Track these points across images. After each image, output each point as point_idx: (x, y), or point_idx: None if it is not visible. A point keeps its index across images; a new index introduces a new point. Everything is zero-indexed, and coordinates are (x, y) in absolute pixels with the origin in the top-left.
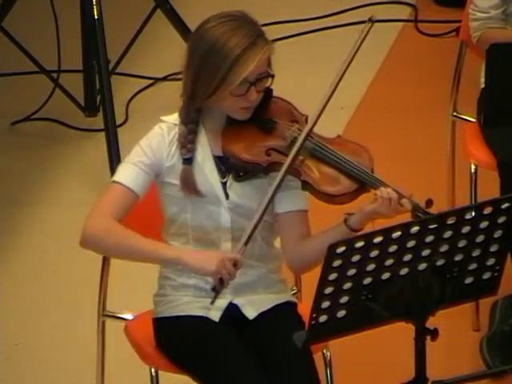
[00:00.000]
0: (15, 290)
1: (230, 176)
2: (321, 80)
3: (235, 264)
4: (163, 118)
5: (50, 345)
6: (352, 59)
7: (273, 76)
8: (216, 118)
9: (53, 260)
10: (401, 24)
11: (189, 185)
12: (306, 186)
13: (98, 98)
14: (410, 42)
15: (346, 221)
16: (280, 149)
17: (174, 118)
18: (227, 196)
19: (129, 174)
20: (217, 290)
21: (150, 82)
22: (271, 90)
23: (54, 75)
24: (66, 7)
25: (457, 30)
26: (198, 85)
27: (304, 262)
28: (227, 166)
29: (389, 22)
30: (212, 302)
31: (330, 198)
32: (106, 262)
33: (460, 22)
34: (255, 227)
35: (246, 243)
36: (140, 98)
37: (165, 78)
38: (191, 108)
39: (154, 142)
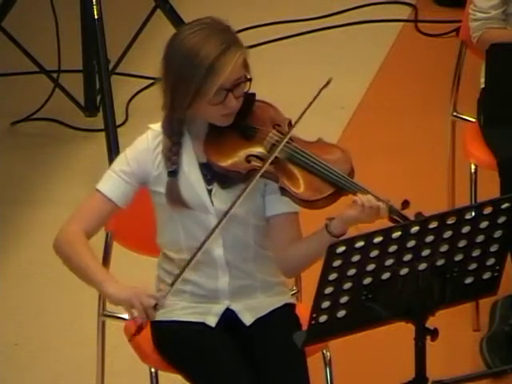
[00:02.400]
0: (15, 290)
1: (215, 183)
2: (320, 80)
3: (156, 305)
4: (151, 125)
5: (50, 345)
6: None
7: (250, 80)
8: (200, 126)
9: (53, 260)
10: (401, 24)
11: (174, 198)
12: (284, 191)
13: (98, 97)
14: (410, 42)
15: (326, 226)
16: (260, 155)
17: (159, 126)
18: (213, 203)
19: (110, 183)
20: (136, 329)
21: (150, 81)
22: (253, 95)
23: (54, 75)
24: (65, 7)
25: (457, 30)
26: (176, 97)
27: (290, 267)
28: (212, 173)
29: (389, 22)
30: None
31: (307, 204)
32: (105, 262)
33: (460, 22)
34: (191, 260)
35: (172, 284)
36: (140, 98)
37: None
38: (173, 119)
39: (139, 151)
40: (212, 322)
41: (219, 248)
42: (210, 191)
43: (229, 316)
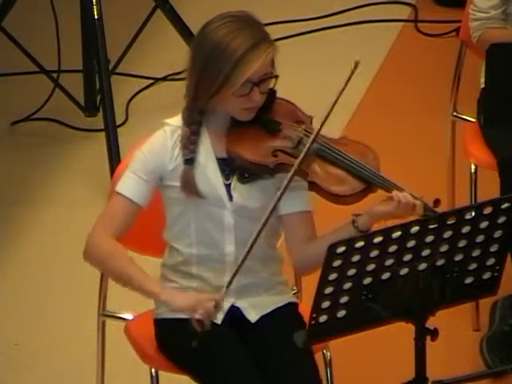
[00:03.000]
0: (15, 290)
1: (235, 178)
2: (321, 80)
3: (216, 306)
4: (167, 120)
5: (50, 345)
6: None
7: (276, 77)
8: (219, 120)
9: (53, 260)
10: (401, 24)
11: (189, 185)
12: (313, 186)
13: (98, 97)
14: (410, 42)
15: (353, 222)
16: (287, 150)
17: (176, 120)
18: (231, 198)
19: (130, 184)
20: (196, 332)
21: (150, 81)
22: (275, 92)
23: (54, 75)
24: (65, 7)
25: (457, 30)
26: (201, 85)
27: (311, 264)
28: (231, 167)
29: (389, 22)
30: (194, 344)
31: (337, 199)
32: None
33: (460, 22)
34: (251, 247)
35: (229, 284)
36: (140, 98)
37: (165, 78)
38: (194, 109)
39: (157, 145)
40: (218, 318)
41: (231, 245)
42: (227, 186)
43: (234, 313)
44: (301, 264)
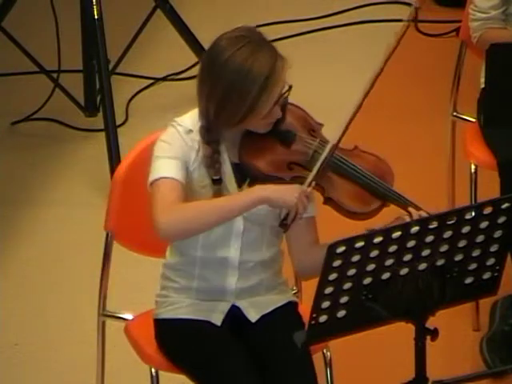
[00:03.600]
0: (15, 290)
1: (247, 183)
2: (321, 80)
3: (307, 197)
4: (177, 119)
5: (50, 345)
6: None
7: (291, 87)
8: (234, 130)
9: (53, 260)
10: (401, 24)
11: None
12: (329, 202)
13: (98, 97)
14: (410, 42)
15: None
16: (302, 163)
17: (187, 122)
18: None
19: (164, 166)
20: (286, 224)
21: (150, 81)
22: (286, 99)
23: (54, 75)
24: (66, 7)
25: (457, 30)
26: (224, 113)
27: (313, 270)
28: (244, 173)
29: (389, 22)
30: (285, 230)
31: (353, 215)
32: (106, 262)
33: (460, 22)
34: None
35: (313, 180)
36: (140, 98)
37: (165, 78)
38: (213, 129)
39: (176, 139)
40: (217, 320)
41: (236, 251)
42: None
43: (234, 313)
44: (303, 269)
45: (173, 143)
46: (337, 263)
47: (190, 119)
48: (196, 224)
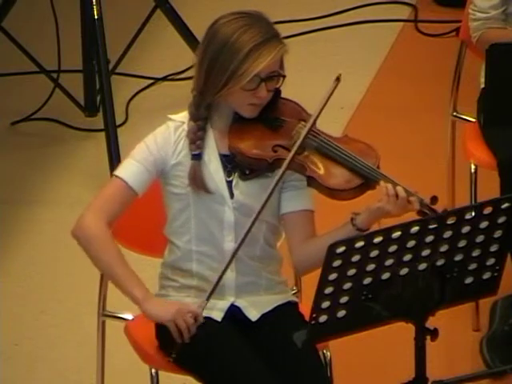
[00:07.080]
0: (15, 290)
1: (236, 175)
2: (320, 80)
3: (196, 318)
4: (171, 116)
5: (50, 345)
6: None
7: (284, 77)
8: (223, 117)
9: (53, 260)
10: (401, 24)
11: (197, 180)
12: (312, 181)
13: (98, 97)
14: (410, 42)
15: (352, 220)
16: (287, 146)
17: (181, 116)
18: (232, 195)
19: (131, 170)
20: (176, 342)
21: (150, 81)
22: (280, 91)
23: (54, 75)
24: (66, 7)
25: (457, 30)
26: (210, 79)
27: (310, 262)
28: (233, 164)
29: (389, 22)
30: (171, 355)
31: (334, 193)
32: None
33: (460, 22)
34: (237, 250)
35: (209, 297)
36: (140, 98)
37: (165, 78)
38: (201, 104)
39: (160, 138)
40: (218, 316)
41: (230, 242)
42: (229, 182)
43: (233, 312)
44: (300, 263)
45: (151, 146)
46: (337, 263)
47: (184, 114)
48: (91, 255)
